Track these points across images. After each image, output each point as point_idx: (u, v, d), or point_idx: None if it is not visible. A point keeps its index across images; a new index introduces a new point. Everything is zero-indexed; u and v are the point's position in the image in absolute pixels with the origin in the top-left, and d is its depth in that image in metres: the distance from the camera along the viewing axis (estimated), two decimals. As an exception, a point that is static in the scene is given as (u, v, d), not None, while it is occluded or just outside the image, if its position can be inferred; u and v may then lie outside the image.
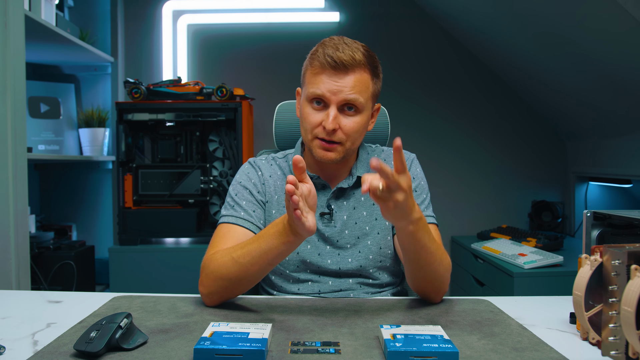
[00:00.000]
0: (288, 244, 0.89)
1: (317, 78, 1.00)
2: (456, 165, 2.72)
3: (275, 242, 0.89)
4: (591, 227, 0.92)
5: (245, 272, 0.92)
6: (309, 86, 1.02)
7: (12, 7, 1.55)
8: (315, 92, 1.00)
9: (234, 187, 1.11)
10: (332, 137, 1.01)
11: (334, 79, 0.99)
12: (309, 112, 1.03)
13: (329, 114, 1.00)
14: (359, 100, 1.00)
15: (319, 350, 0.73)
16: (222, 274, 0.93)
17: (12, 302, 1.01)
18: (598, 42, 1.79)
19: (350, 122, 1.01)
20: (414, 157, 1.17)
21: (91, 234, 2.68)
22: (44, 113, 2.44)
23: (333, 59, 0.98)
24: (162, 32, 2.65)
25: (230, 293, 0.96)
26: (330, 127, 0.99)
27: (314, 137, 1.03)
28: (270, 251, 0.90)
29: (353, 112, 1.01)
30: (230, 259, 0.93)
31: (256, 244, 0.91)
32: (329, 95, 0.99)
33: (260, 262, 0.91)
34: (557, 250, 2.16)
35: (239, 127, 2.28)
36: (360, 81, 1.00)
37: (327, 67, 0.99)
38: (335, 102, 1.00)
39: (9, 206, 1.53)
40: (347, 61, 0.98)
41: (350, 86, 0.99)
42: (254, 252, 0.91)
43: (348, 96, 0.99)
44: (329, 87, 0.99)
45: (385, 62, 2.76)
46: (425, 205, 1.11)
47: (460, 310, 0.94)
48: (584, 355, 0.75)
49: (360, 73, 1.00)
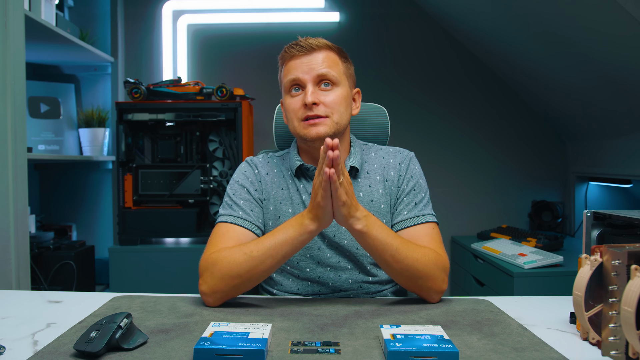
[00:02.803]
0: (306, 234, 0.93)
1: (288, 68, 1.07)
2: (456, 165, 2.72)
3: (293, 233, 0.93)
4: (591, 227, 0.92)
5: (258, 266, 0.94)
6: (284, 81, 1.09)
7: (12, 7, 1.55)
8: (290, 77, 1.06)
9: (232, 187, 1.12)
10: (316, 111, 1.04)
11: (303, 60, 1.06)
12: (290, 101, 1.08)
13: (306, 92, 1.05)
14: (331, 73, 1.06)
15: (319, 350, 0.73)
16: (234, 272, 0.94)
17: (12, 302, 1.01)
18: (598, 42, 1.79)
19: (330, 95, 1.06)
20: (412, 155, 1.17)
21: (91, 234, 2.68)
22: (44, 113, 2.44)
23: (299, 44, 1.06)
24: (162, 32, 2.65)
25: (236, 291, 0.97)
26: (310, 100, 1.03)
27: (299, 121, 1.06)
28: (286, 242, 0.93)
29: (330, 87, 1.06)
30: (242, 254, 0.94)
31: (271, 237, 0.95)
32: (302, 76, 1.05)
33: (275, 254, 0.94)
34: (557, 250, 2.16)
35: (239, 127, 2.28)
36: (329, 57, 1.07)
37: (295, 53, 1.06)
38: (310, 80, 1.05)
39: (9, 206, 1.53)
40: (312, 43, 1.06)
41: (319, 62, 1.05)
42: (269, 244, 0.94)
43: (320, 70, 1.05)
44: (300, 69, 1.05)
45: (386, 62, 2.77)
46: (424, 203, 1.11)
47: (460, 310, 0.94)
48: (584, 355, 0.75)
49: (327, 52, 1.07)
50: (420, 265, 0.96)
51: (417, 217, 1.08)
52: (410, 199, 1.10)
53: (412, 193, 1.11)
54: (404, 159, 1.15)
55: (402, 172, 1.13)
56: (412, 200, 1.10)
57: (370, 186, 1.12)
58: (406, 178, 1.12)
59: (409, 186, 1.11)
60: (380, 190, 1.11)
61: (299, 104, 1.06)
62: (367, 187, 1.12)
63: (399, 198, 1.11)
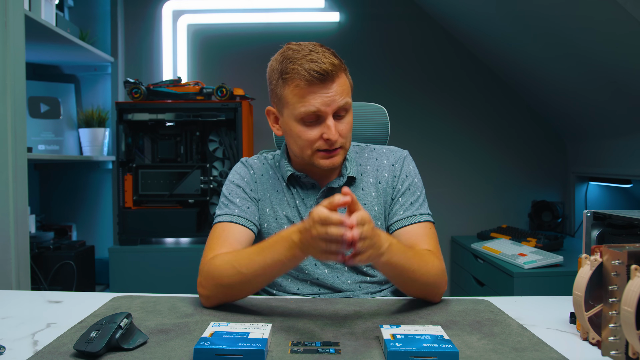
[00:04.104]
0: (294, 260, 0.89)
1: (305, 96, 0.98)
2: (456, 165, 2.72)
3: (280, 257, 0.88)
4: (591, 227, 0.92)
5: (248, 283, 0.93)
6: (297, 106, 0.99)
7: (12, 7, 1.55)
8: (310, 109, 0.98)
9: (227, 187, 1.12)
10: (336, 145, 1.01)
11: (324, 91, 0.97)
12: (302, 130, 1.01)
13: (329, 127, 0.99)
14: (349, 102, 1.02)
15: (319, 350, 0.73)
16: (224, 282, 0.93)
17: (12, 302, 1.01)
18: (598, 42, 1.79)
19: (345, 125, 1.02)
20: (406, 154, 1.16)
21: (91, 234, 2.68)
22: (44, 113, 2.44)
23: (318, 72, 0.95)
24: (162, 32, 2.65)
25: (229, 299, 0.97)
26: (336, 138, 0.99)
27: (314, 151, 1.02)
28: (275, 265, 0.90)
29: (344, 114, 1.02)
30: (231, 267, 0.92)
31: (261, 256, 0.90)
32: (324, 109, 0.98)
33: (264, 275, 0.92)
34: (557, 250, 2.15)
35: (239, 127, 2.28)
36: (344, 84, 1.01)
37: (315, 82, 0.96)
38: (330, 112, 0.99)
39: (9, 206, 1.53)
40: (330, 70, 0.96)
41: (339, 93, 0.99)
42: (258, 264, 0.90)
43: (341, 103, 0.99)
44: (322, 101, 0.97)
45: (386, 62, 2.77)
46: (419, 202, 1.11)
47: (460, 310, 0.94)
48: (584, 355, 0.75)
49: (340, 76, 1.00)
50: (431, 277, 0.96)
51: (413, 216, 1.08)
52: (405, 198, 1.10)
53: (408, 193, 1.11)
54: (398, 159, 1.14)
55: (396, 172, 1.12)
56: (408, 199, 1.10)
57: (363, 189, 1.11)
58: (401, 178, 1.12)
59: (404, 186, 1.11)
60: (372, 193, 1.11)
61: (316, 135, 1.00)
62: (360, 191, 1.11)
63: (395, 198, 1.11)
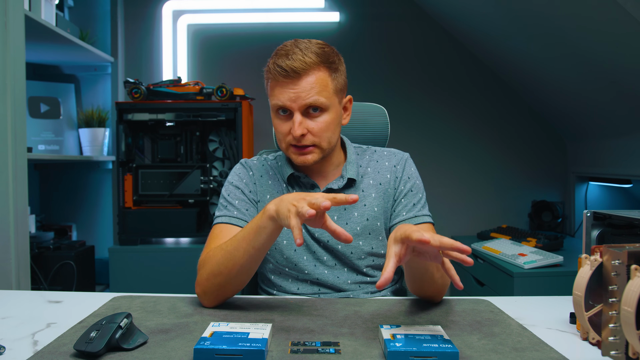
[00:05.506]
0: (268, 221, 0.87)
1: (274, 89, 1.02)
2: (456, 165, 2.72)
3: (256, 221, 0.90)
4: (591, 227, 0.92)
5: (233, 259, 0.92)
6: (271, 98, 1.04)
7: (12, 7, 1.55)
8: (277, 103, 1.01)
9: (226, 188, 1.12)
10: (303, 141, 1.02)
11: (290, 87, 0.99)
12: (277, 122, 1.04)
13: (293, 122, 1.00)
14: (320, 100, 1.00)
15: (319, 350, 0.73)
16: (215, 270, 0.93)
17: (12, 302, 1.01)
18: (598, 42, 1.79)
19: (318, 123, 1.02)
20: (407, 156, 1.17)
21: (91, 234, 2.68)
22: (44, 113, 2.44)
23: (283, 67, 0.98)
24: (162, 32, 2.65)
25: (223, 291, 0.95)
26: (298, 134, 1.00)
27: (288, 145, 1.05)
28: (252, 231, 0.90)
29: (318, 112, 1.02)
30: (219, 250, 0.95)
31: (242, 232, 0.93)
32: (289, 104, 1.00)
33: (247, 248, 0.90)
34: (557, 250, 2.15)
35: (239, 127, 2.28)
36: (317, 82, 0.99)
37: (280, 77, 0.99)
38: (297, 109, 1.00)
39: (9, 206, 1.53)
40: (297, 67, 0.97)
41: (307, 90, 0.99)
42: (238, 235, 0.93)
43: (307, 100, 0.99)
44: (287, 97, 1.00)
45: (385, 62, 2.77)
46: (421, 204, 1.11)
47: (460, 310, 0.94)
48: (584, 355, 0.75)
49: (315, 74, 0.99)
50: (445, 278, 0.96)
51: (416, 217, 1.09)
52: (408, 199, 1.11)
53: (410, 194, 1.11)
54: (399, 160, 1.15)
55: (398, 174, 1.13)
56: (410, 201, 1.10)
57: (363, 190, 1.12)
58: (403, 180, 1.12)
59: (406, 188, 1.12)
60: (372, 194, 1.11)
61: (287, 129, 1.03)
62: (360, 192, 1.11)
63: (397, 200, 1.11)
